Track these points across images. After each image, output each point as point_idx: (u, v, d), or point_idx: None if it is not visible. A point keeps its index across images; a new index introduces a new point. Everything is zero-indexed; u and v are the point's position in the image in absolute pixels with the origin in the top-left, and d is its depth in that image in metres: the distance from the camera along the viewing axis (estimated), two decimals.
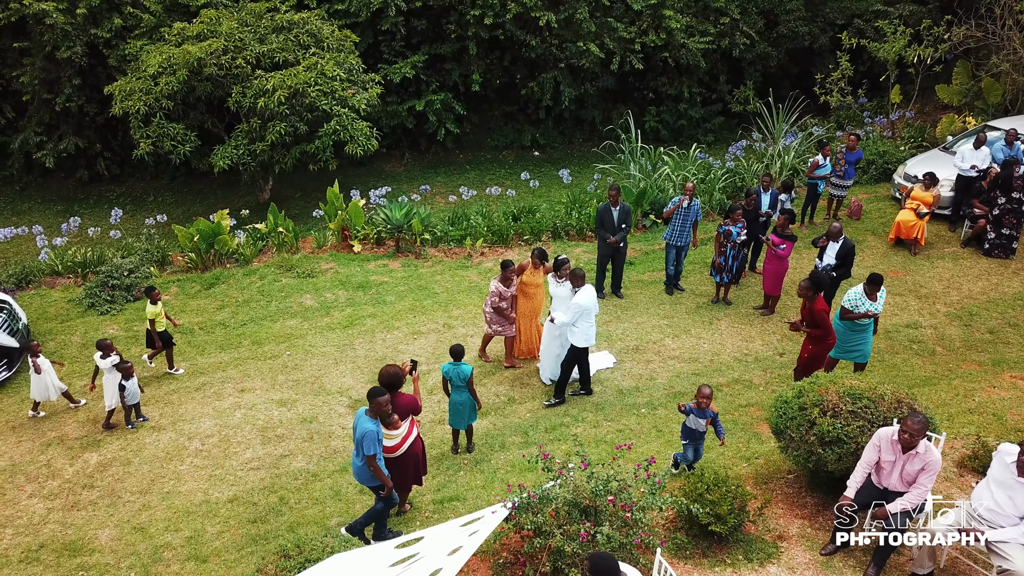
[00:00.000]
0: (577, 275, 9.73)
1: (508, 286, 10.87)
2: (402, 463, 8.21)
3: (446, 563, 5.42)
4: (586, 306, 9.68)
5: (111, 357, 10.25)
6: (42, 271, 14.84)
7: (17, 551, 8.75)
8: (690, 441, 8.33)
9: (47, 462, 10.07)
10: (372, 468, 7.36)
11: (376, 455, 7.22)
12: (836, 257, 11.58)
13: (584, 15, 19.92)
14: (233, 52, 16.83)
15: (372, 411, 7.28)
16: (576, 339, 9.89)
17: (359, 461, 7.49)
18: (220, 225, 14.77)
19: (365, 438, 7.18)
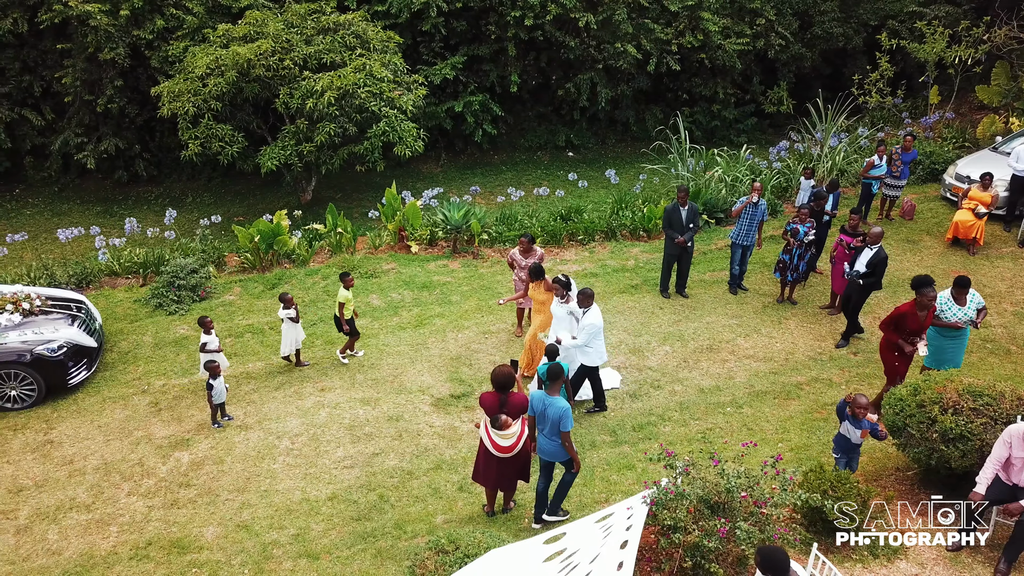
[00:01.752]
0: (586, 295, 9.55)
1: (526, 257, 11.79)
2: (515, 461, 8.31)
3: (620, 556, 5.51)
4: (599, 325, 9.58)
5: (290, 310, 11.09)
6: (101, 271, 14.86)
7: (125, 548, 8.82)
8: (843, 454, 8.18)
9: (139, 461, 10.13)
10: (566, 444, 7.85)
11: (570, 431, 7.78)
12: (867, 265, 11.49)
13: (623, 16, 20.04)
14: (280, 53, 16.89)
15: (554, 389, 7.80)
16: (590, 359, 9.86)
17: (550, 438, 7.94)
18: (280, 225, 14.84)
19: (564, 417, 7.66)
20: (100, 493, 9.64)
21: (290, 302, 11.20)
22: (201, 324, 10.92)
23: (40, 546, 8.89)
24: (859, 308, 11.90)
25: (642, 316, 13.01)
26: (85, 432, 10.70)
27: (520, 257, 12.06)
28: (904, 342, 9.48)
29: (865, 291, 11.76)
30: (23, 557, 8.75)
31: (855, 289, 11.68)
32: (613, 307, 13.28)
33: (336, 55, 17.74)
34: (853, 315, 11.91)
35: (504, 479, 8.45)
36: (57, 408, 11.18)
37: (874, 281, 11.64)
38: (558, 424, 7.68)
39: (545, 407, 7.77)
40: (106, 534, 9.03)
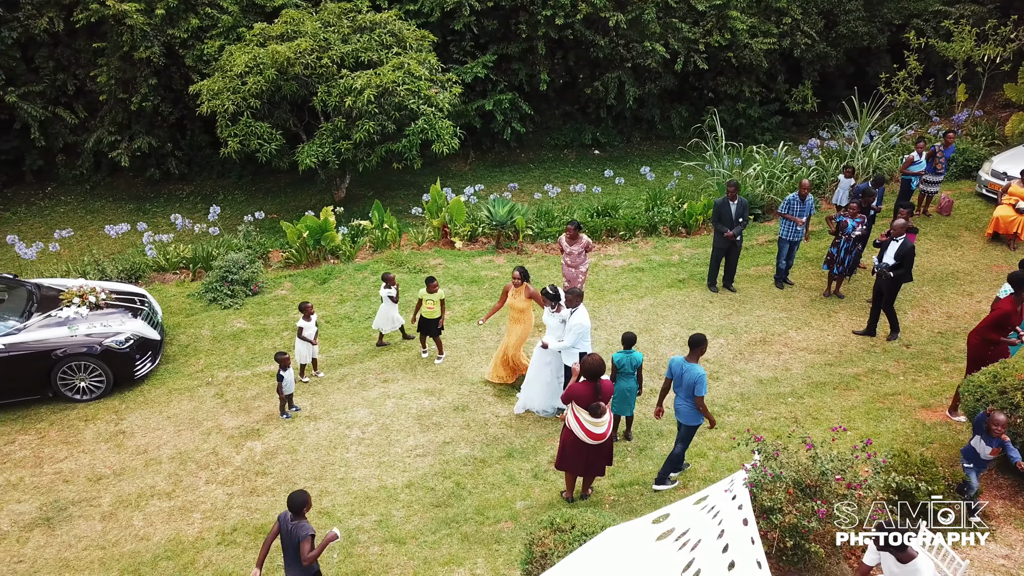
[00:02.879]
0: (575, 294, 9.58)
1: (571, 244, 12.11)
2: (605, 448, 8.52)
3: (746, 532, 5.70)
4: (587, 326, 9.51)
5: (391, 289, 11.65)
6: (149, 267, 15.02)
7: (211, 534, 8.99)
8: (974, 466, 8.14)
9: (212, 450, 10.31)
10: (700, 408, 8.50)
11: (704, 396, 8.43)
12: (895, 257, 11.73)
13: (651, 16, 20.24)
14: (318, 52, 17.06)
15: (694, 356, 8.50)
16: (575, 360, 9.69)
17: (685, 400, 8.58)
18: (327, 222, 15.02)
19: (699, 382, 8.34)
20: (179, 481, 9.81)
21: (391, 281, 11.63)
22: (302, 309, 11.15)
23: (127, 532, 9.06)
24: (893, 300, 12.14)
25: (693, 310, 13.21)
26: (155, 423, 10.87)
27: (566, 244, 12.27)
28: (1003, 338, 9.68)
29: (896, 283, 12.01)
30: (112, 542, 8.92)
31: (885, 283, 11.89)
32: (663, 301, 13.49)
33: (373, 53, 17.90)
34: (888, 307, 12.15)
35: (593, 465, 8.65)
36: (125, 400, 11.35)
37: (903, 273, 11.87)
38: (692, 388, 8.30)
39: (683, 372, 8.42)
40: (190, 520, 9.20)
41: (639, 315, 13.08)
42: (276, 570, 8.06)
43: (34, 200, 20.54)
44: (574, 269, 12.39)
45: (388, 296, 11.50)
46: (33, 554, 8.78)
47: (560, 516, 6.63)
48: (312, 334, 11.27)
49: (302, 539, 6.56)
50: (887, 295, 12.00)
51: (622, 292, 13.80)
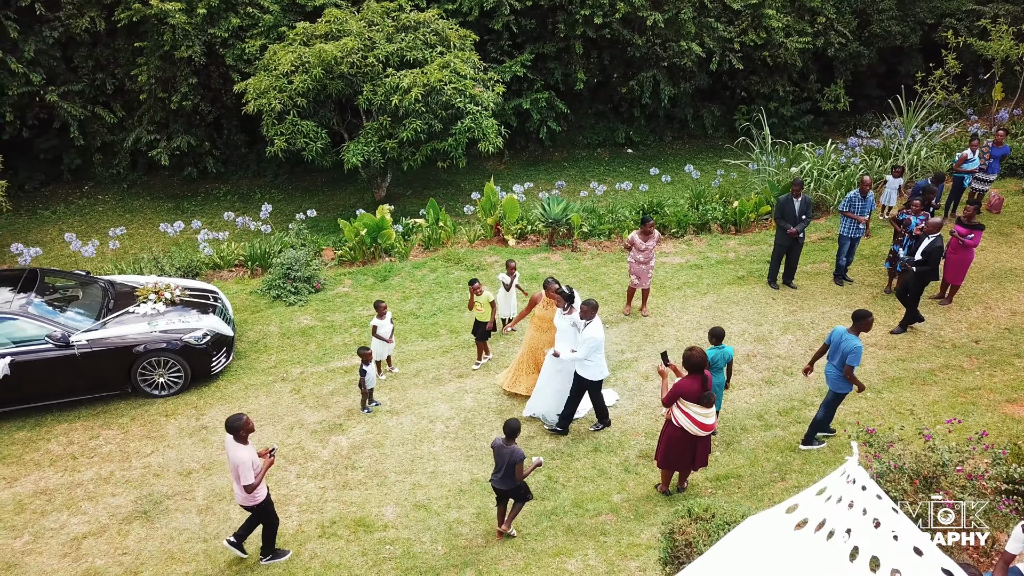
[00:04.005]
0: (590, 306, 9.40)
1: (645, 240, 12.21)
2: (708, 440, 8.61)
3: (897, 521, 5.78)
4: (600, 339, 9.37)
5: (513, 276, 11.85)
6: (205, 264, 15.08)
7: (311, 527, 9.07)
8: None
9: (298, 445, 10.38)
10: (849, 376, 9.03)
11: (855, 368, 8.98)
12: (922, 253, 11.86)
13: (688, 15, 20.35)
14: (363, 51, 17.13)
15: (856, 329, 9.09)
16: (590, 372, 9.62)
17: (837, 368, 9.17)
18: (384, 220, 15.10)
19: (853, 352, 8.88)
20: (269, 475, 9.87)
21: (513, 269, 11.80)
22: (376, 307, 11.19)
23: (225, 525, 9.12)
24: (918, 296, 12.33)
25: (757, 306, 13.31)
26: None
27: (640, 240, 12.36)
28: None
29: (922, 279, 12.16)
30: (213, 535, 8.99)
31: (911, 277, 12.02)
32: (726, 298, 13.59)
33: (418, 52, 17.97)
34: (912, 303, 12.30)
35: (698, 458, 8.74)
36: (202, 395, 11.41)
37: (929, 270, 12.01)
38: (846, 357, 8.91)
39: (841, 341, 9.05)
40: (287, 514, 9.26)
41: (704, 312, 13.16)
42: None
43: (72, 199, 20.59)
44: (645, 265, 12.47)
45: (504, 283, 11.67)
46: (136, 546, 8.84)
47: (697, 505, 6.71)
48: (387, 332, 11.34)
49: (518, 460, 7.87)
50: (913, 290, 12.12)
51: (684, 289, 13.88)
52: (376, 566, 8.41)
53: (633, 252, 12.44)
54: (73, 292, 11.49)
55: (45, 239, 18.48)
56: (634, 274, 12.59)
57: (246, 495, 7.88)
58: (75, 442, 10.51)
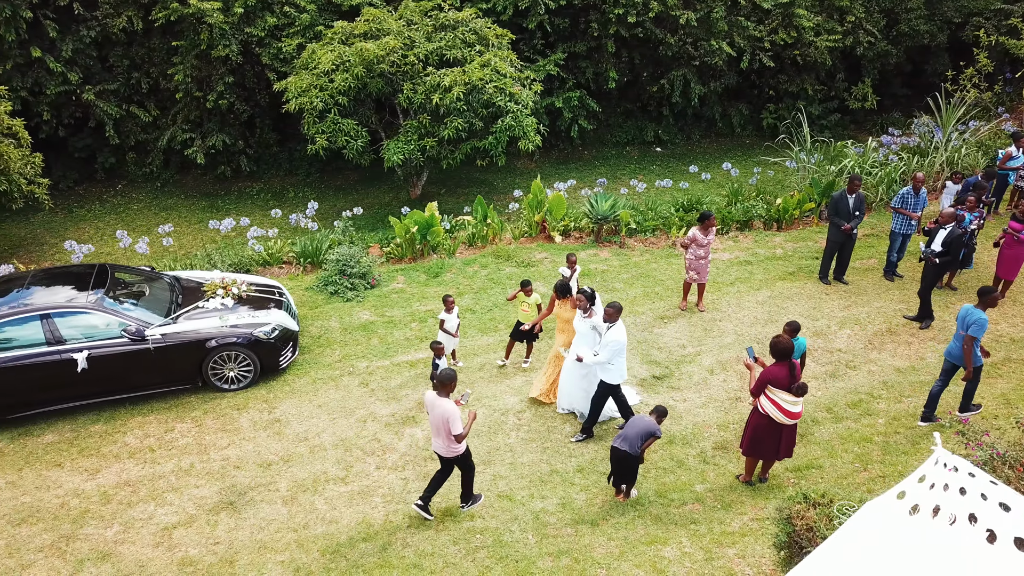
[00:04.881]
0: (615, 308, 9.39)
1: (706, 235, 12.30)
2: (795, 429, 8.74)
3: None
4: (623, 342, 9.37)
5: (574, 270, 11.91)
6: (255, 261, 15.18)
7: (398, 517, 9.19)
8: None
9: (373, 437, 10.49)
10: (967, 346, 9.58)
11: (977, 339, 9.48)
12: (942, 244, 12.06)
13: (720, 14, 20.51)
14: (403, 49, 17.25)
15: (982, 305, 9.61)
16: (611, 376, 9.64)
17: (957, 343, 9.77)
18: (433, 217, 15.21)
19: (977, 324, 9.46)
20: (349, 467, 9.99)
21: (573, 263, 11.85)
22: (444, 302, 11.31)
23: (313, 515, 9.24)
24: (931, 288, 12.51)
25: (811, 301, 13.46)
26: (307, 411, 11.04)
27: (700, 235, 12.51)
28: None
29: (940, 270, 12.39)
30: (302, 525, 9.10)
31: (930, 269, 12.18)
32: (779, 293, 13.74)
33: (457, 51, 18.08)
34: (926, 293, 12.52)
35: (783, 447, 8.87)
36: (271, 389, 11.52)
37: (949, 260, 12.26)
38: (969, 327, 9.39)
39: (966, 315, 9.51)
40: (372, 504, 9.38)
41: (759, 307, 13.31)
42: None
43: (107, 198, 20.68)
44: (703, 260, 12.60)
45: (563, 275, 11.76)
46: (227, 536, 8.95)
47: (813, 491, 6.83)
48: (454, 326, 11.45)
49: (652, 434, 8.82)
50: (928, 281, 12.29)
51: (737, 285, 14.02)
52: (470, 555, 8.52)
53: (693, 248, 12.55)
54: (141, 288, 11.59)
55: (83, 236, 18.58)
56: (693, 269, 12.72)
57: (452, 446, 8.38)
58: (151, 435, 10.61)
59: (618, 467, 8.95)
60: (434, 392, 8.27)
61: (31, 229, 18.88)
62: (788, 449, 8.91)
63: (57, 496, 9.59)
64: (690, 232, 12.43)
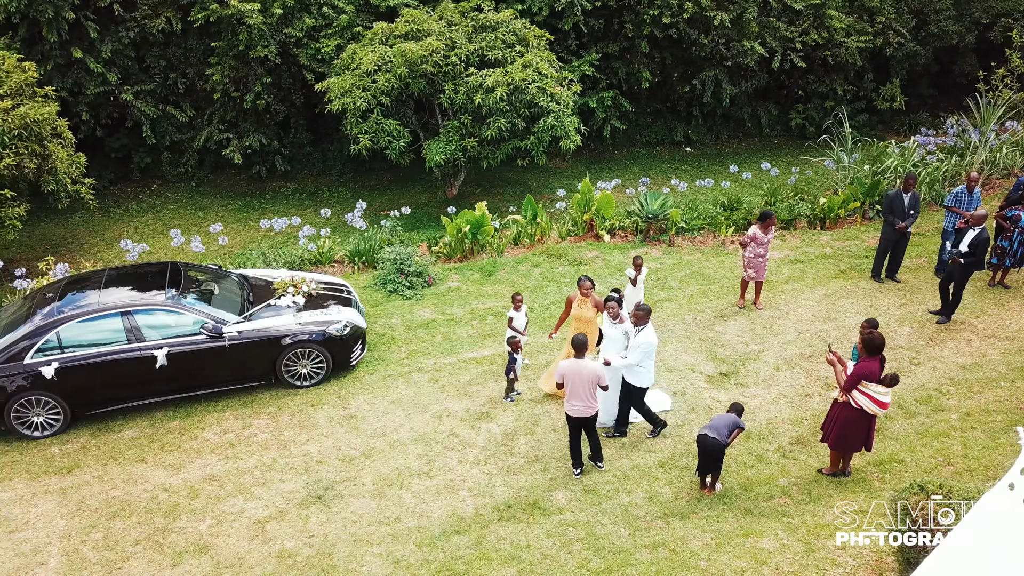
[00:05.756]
0: (645, 311, 9.50)
1: (766, 233, 12.41)
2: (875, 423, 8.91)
3: None
4: (655, 344, 9.46)
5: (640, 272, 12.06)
6: (307, 260, 15.31)
7: (487, 510, 9.31)
8: None
9: (451, 432, 10.62)
10: None
11: None
12: (969, 245, 12.23)
13: (752, 14, 20.69)
14: (445, 50, 17.39)
15: None
16: (639, 379, 9.67)
17: None
18: (484, 217, 15.35)
19: None
20: (431, 461, 10.12)
21: (640, 265, 11.98)
22: (513, 300, 11.43)
23: (403, 509, 9.37)
24: (962, 287, 12.67)
25: (866, 299, 13.62)
26: (382, 407, 11.17)
27: (761, 234, 12.66)
28: None
29: (967, 271, 12.51)
30: (393, 518, 9.23)
31: (957, 269, 12.39)
32: (834, 291, 13.91)
33: (498, 52, 18.22)
34: (957, 294, 12.69)
35: (870, 439, 9.04)
36: (343, 386, 11.65)
37: (975, 261, 12.39)
38: None
39: None
40: (460, 498, 9.51)
41: (816, 305, 13.47)
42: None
43: (142, 197, 20.79)
44: (762, 259, 12.76)
45: (629, 277, 11.83)
46: (321, 529, 9.08)
47: (930, 482, 6.98)
48: (522, 324, 11.58)
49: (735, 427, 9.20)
50: (957, 281, 12.50)
51: (791, 283, 14.18)
52: (565, 547, 8.66)
53: (752, 246, 12.70)
54: (213, 286, 11.71)
55: (123, 236, 18.69)
56: (751, 267, 12.87)
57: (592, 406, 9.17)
58: (229, 431, 10.74)
59: (705, 457, 9.08)
60: (571, 359, 9.00)
61: (70, 228, 19.01)
62: (871, 442, 9.06)
63: (145, 490, 9.70)
64: (750, 230, 12.57)
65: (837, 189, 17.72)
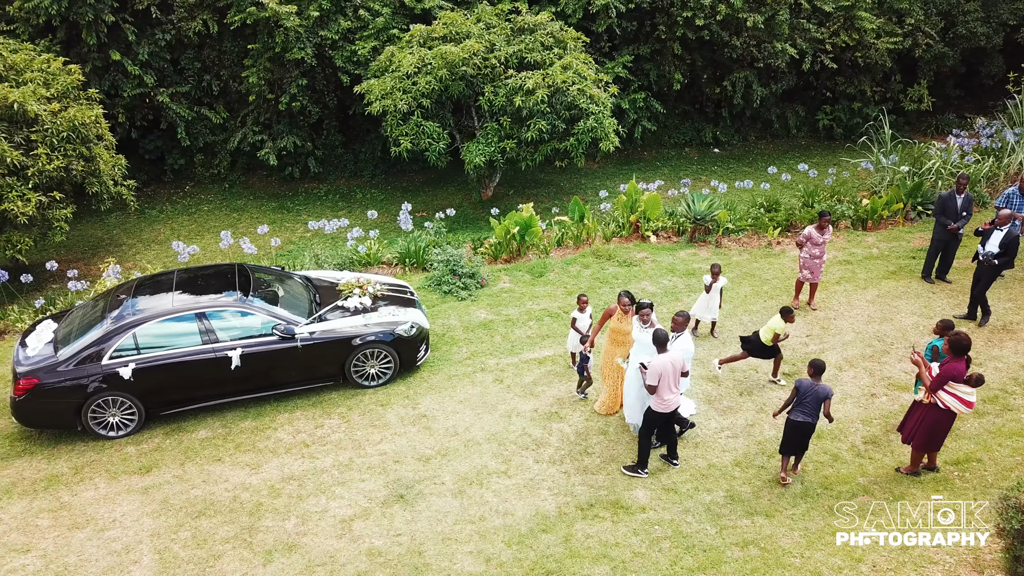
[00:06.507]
0: (684, 317, 9.61)
1: (822, 234, 12.52)
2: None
3: None
4: (691, 351, 9.54)
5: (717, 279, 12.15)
6: (356, 261, 15.38)
7: (570, 509, 9.40)
8: None
9: (523, 431, 10.71)
10: None
11: None
12: (1000, 245, 12.37)
13: (784, 16, 20.81)
14: (484, 53, 17.48)
15: None
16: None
17: None
18: (532, 218, 15.44)
19: None
20: (508, 460, 10.20)
21: (717, 274, 12.08)
22: (578, 301, 11.47)
23: (486, 507, 9.44)
24: (987, 287, 12.79)
25: (919, 300, 13.74)
26: (451, 407, 11.25)
27: (817, 234, 12.77)
28: None
29: (996, 271, 12.64)
30: (478, 517, 9.31)
31: (985, 271, 12.55)
32: (887, 292, 14.02)
33: (537, 54, 18.31)
34: (981, 294, 12.81)
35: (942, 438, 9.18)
36: (409, 385, 11.73)
37: (1007, 261, 12.53)
38: None
39: None
40: (541, 497, 9.59)
41: (871, 305, 13.57)
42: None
43: (176, 199, 20.87)
44: (818, 260, 12.85)
45: (707, 285, 11.90)
46: (407, 528, 9.15)
47: None
48: (586, 326, 11.64)
49: (827, 396, 9.04)
50: (984, 282, 12.65)
51: (843, 284, 14.29)
52: (653, 545, 8.75)
53: (808, 247, 12.80)
54: (279, 287, 11.78)
55: (159, 237, 18.79)
56: (807, 268, 12.97)
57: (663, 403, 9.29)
58: (301, 431, 10.81)
59: (800, 438, 9.23)
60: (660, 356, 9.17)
61: (107, 230, 19.08)
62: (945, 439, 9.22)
63: (226, 490, 9.77)
64: (805, 230, 12.66)
65: (876, 190, 17.81)
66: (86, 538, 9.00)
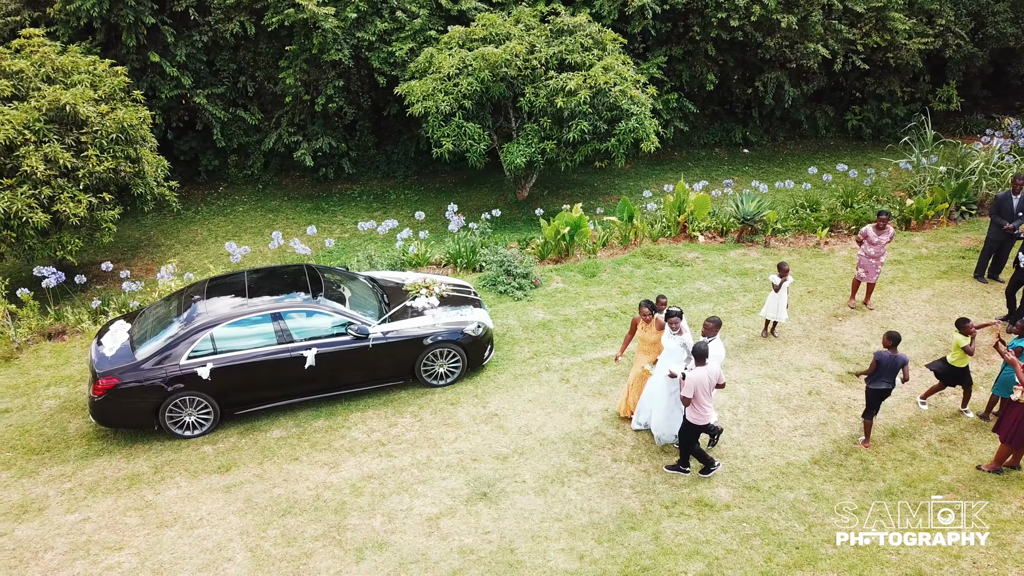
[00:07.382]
0: (715, 323, 9.66)
1: (879, 234, 12.64)
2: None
3: None
4: (722, 356, 9.65)
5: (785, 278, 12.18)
6: (406, 262, 15.43)
7: (654, 507, 9.45)
8: None
9: (596, 430, 10.76)
10: None
11: None
12: None
13: (818, 17, 20.91)
14: (525, 54, 17.54)
15: None
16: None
17: None
18: (581, 219, 15.50)
19: None
20: (586, 459, 10.25)
21: (786, 272, 12.03)
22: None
23: (570, 506, 9.49)
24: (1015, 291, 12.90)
25: (975, 299, 13.82)
26: (520, 406, 11.30)
27: (873, 234, 12.84)
28: None
29: None
30: (565, 515, 9.35)
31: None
32: (941, 291, 14.09)
33: (576, 55, 18.38)
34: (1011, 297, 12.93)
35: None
36: (476, 385, 11.77)
37: None
38: None
39: None
40: (624, 495, 9.64)
41: (926, 304, 13.65)
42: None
43: (211, 200, 20.91)
44: (875, 260, 12.92)
45: (774, 284, 11.91)
46: (495, 526, 9.19)
47: None
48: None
49: (904, 363, 9.72)
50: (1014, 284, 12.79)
51: (896, 283, 14.36)
52: (745, 542, 8.81)
53: (864, 246, 12.87)
54: (347, 288, 11.82)
55: (197, 238, 18.83)
56: (863, 267, 13.04)
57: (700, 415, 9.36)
58: (375, 430, 10.85)
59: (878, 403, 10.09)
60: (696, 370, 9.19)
61: (144, 231, 19.12)
62: None
63: (308, 488, 9.81)
64: (863, 228, 12.73)
65: (919, 190, 17.89)
66: (176, 536, 9.04)
